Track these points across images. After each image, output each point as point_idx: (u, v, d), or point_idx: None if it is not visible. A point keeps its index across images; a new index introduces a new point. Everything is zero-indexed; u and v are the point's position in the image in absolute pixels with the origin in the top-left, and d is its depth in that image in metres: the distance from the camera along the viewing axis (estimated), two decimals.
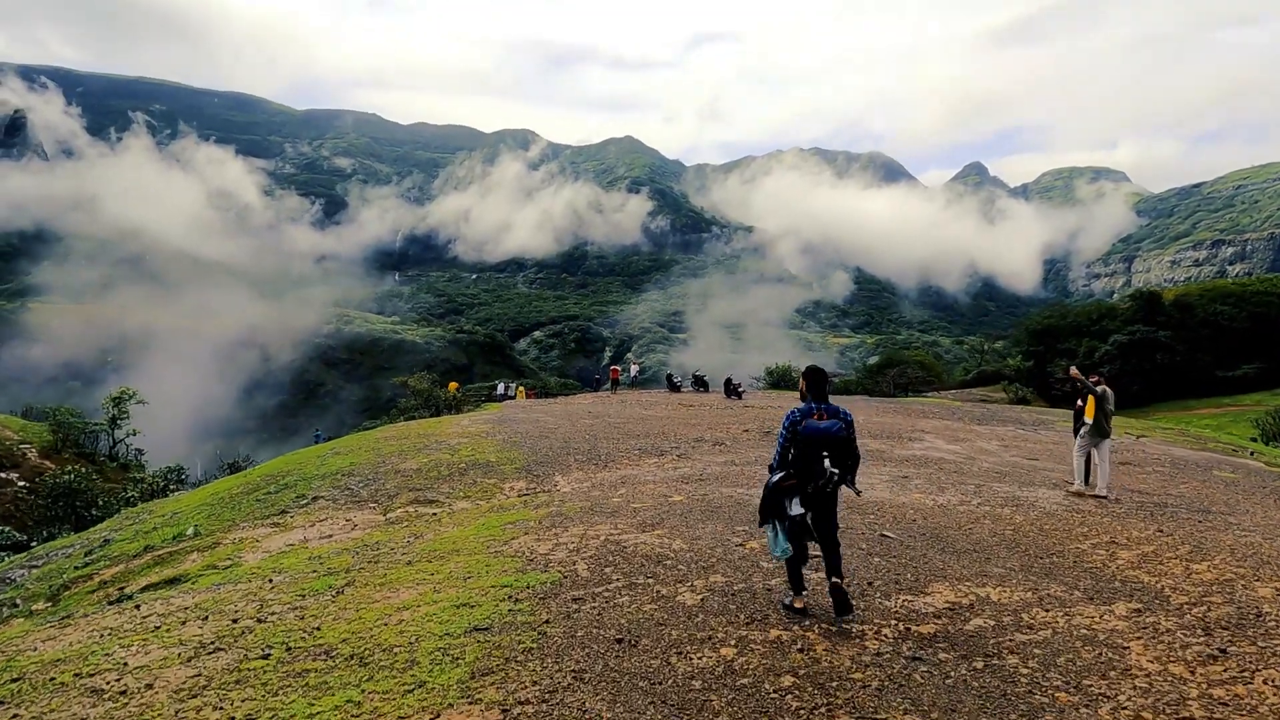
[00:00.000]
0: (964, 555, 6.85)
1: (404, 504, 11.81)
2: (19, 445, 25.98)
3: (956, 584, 5.86)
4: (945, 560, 6.65)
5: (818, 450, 4.97)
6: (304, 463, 15.96)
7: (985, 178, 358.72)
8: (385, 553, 7.78)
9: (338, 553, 8.10)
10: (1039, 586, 5.80)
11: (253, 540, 10.69)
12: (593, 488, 11.73)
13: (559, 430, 18.54)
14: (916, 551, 6.99)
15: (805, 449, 5.01)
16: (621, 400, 28.02)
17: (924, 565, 6.48)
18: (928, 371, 63.03)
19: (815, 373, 5.34)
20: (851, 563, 6.52)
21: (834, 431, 5.01)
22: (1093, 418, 10.31)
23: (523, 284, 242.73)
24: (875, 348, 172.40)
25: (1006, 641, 4.69)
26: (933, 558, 6.74)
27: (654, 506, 9.42)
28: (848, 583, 5.36)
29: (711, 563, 6.46)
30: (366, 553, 7.91)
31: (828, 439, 4.98)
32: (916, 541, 7.40)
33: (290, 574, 7.28)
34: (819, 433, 5.00)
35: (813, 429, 5.01)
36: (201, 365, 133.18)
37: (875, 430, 18.86)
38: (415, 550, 7.67)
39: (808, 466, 4.99)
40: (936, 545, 7.24)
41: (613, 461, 14.13)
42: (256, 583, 7.03)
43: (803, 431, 5.03)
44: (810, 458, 4.99)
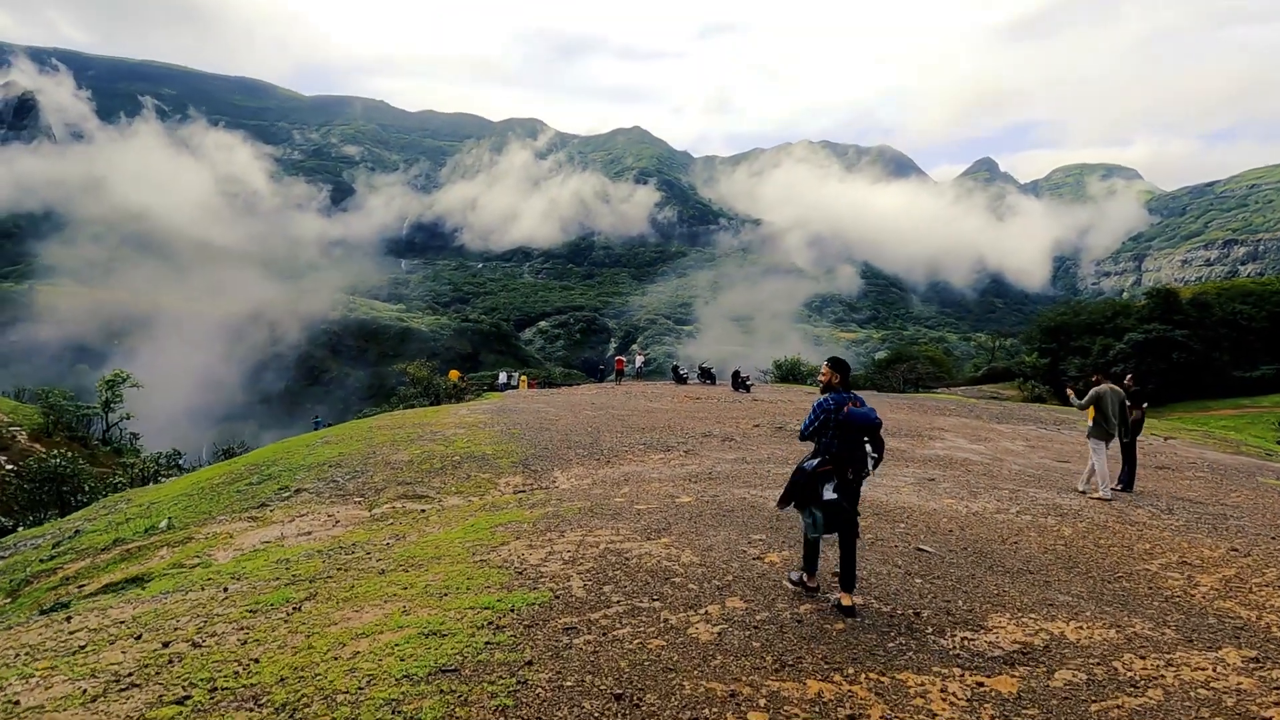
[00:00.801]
0: (1018, 577, 5.98)
1: (391, 499, 11.01)
2: (9, 428, 25.31)
3: (1019, 616, 4.99)
4: (998, 582, 5.77)
5: (859, 436, 5.04)
6: (291, 451, 15.17)
7: (995, 173, 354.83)
8: (360, 557, 6.95)
9: (309, 555, 7.28)
10: (1119, 621, 4.92)
11: (227, 536, 9.91)
12: (593, 485, 10.89)
13: (560, 422, 17.71)
14: (962, 570, 6.11)
15: (847, 435, 5.04)
16: (626, 392, 27.16)
17: (975, 589, 5.60)
18: (938, 367, 62.02)
19: (842, 364, 5.40)
20: (890, 583, 5.65)
21: (873, 418, 5.09)
22: (1092, 419, 10.09)
23: (529, 273, 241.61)
24: (882, 343, 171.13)
25: (1113, 708, 3.77)
26: (982, 579, 5.86)
27: (660, 509, 8.56)
28: (858, 604, 5.21)
29: (727, 581, 5.60)
30: (339, 556, 7.09)
31: (868, 425, 5.06)
32: (959, 558, 6.53)
33: (250, 580, 6.46)
34: (861, 418, 5.05)
35: (855, 415, 5.05)
36: (207, 349, 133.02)
37: (893, 427, 17.95)
38: (393, 555, 6.84)
39: (849, 452, 5.03)
40: (983, 563, 6.37)
41: (616, 457, 13.28)
42: (210, 591, 6.22)
43: (845, 418, 5.04)
44: (852, 443, 5.04)
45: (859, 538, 5.32)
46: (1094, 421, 10.10)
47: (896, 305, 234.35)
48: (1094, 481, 10.11)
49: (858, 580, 5.28)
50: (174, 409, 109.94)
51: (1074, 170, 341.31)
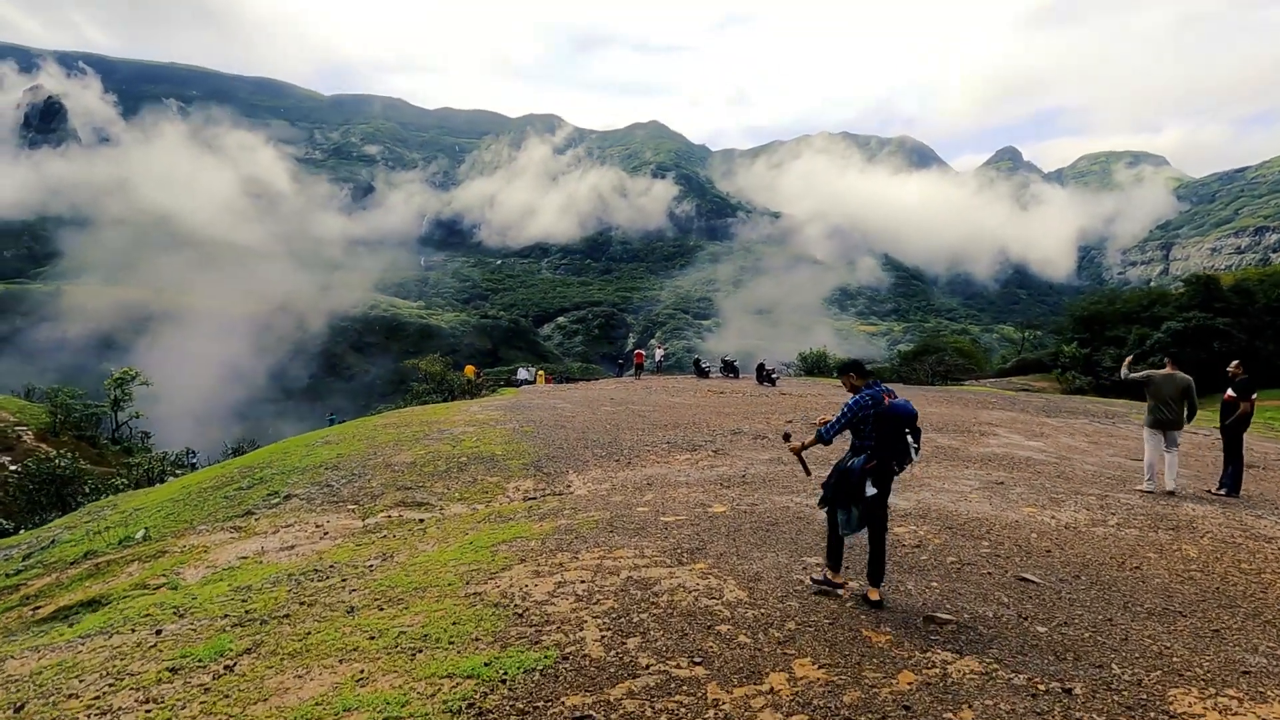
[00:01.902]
0: (1169, 621, 4.62)
1: (388, 506, 9.85)
2: (14, 427, 24.73)
3: (1211, 692, 3.61)
4: (1149, 632, 4.41)
5: (901, 429, 4.91)
6: (289, 452, 14.12)
7: (1019, 163, 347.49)
8: (333, 586, 5.77)
9: (275, 582, 6.11)
10: None
11: (203, 549, 8.82)
12: (613, 490, 9.64)
13: (577, 419, 16.48)
14: (1091, 611, 4.77)
15: (891, 428, 4.91)
16: (646, 386, 25.87)
17: (1123, 643, 4.25)
18: (967, 359, 59.90)
19: (855, 364, 5.37)
20: (1006, 635, 4.33)
21: (912, 409, 4.98)
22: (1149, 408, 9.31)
23: (547, 269, 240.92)
24: (903, 335, 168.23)
25: None
26: (1126, 625, 4.52)
27: (690, 521, 7.28)
28: (884, 595, 5.05)
29: (789, 631, 4.31)
30: (309, 584, 5.90)
31: (909, 416, 4.94)
32: (1077, 590, 5.18)
33: (195, 618, 5.30)
34: (903, 410, 4.93)
35: (897, 407, 4.93)
36: (230, 347, 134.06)
37: (937, 423, 16.51)
38: (371, 584, 5.64)
39: (892, 445, 4.93)
40: (1112, 599, 5.02)
41: (637, 457, 12.01)
42: (142, 633, 5.06)
43: (888, 411, 4.91)
44: (895, 436, 4.91)
45: (888, 531, 5.29)
46: (1148, 408, 9.33)
47: (918, 297, 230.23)
48: (1160, 477, 9.18)
49: (951, 621, 3.99)
50: (197, 406, 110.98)
51: (1100, 158, 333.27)
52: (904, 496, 8.45)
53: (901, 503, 8.07)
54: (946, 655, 3.84)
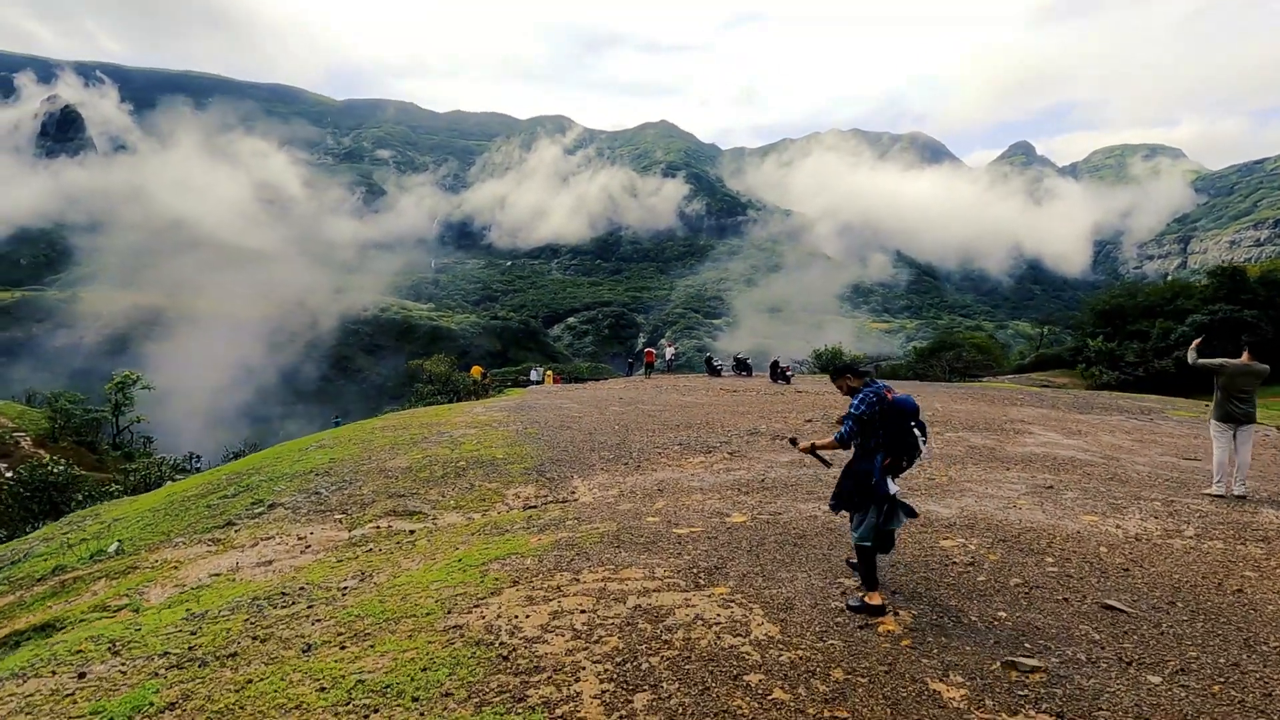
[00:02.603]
0: None
1: (377, 516, 9.09)
2: (13, 433, 24.28)
3: None
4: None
5: (907, 423, 4.79)
6: (281, 457, 13.42)
7: (1032, 157, 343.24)
8: (296, 615, 5.00)
9: (233, 609, 5.35)
10: None
11: (175, 564, 8.10)
12: (620, 497, 8.83)
13: (584, 420, 15.69)
14: (1207, 652, 3.90)
15: (898, 422, 4.79)
16: (656, 385, 25.03)
17: (1268, 700, 3.36)
18: (985, 354, 58.55)
19: (853, 366, 5.28)
20: (1107, 684, 3.45)
21: (914, 404, 4.86)
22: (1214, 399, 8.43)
23: (557, 270, 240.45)
24: (916, 332, 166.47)
25: None
26: (1260, 674, 3.64)
27: (707, 534, 6.46)
28: None
29: (837, 683, 3.48)
30: (270, 612, 5.14)
31: (913, 410, 4.82)
32: (1178, 623, 4.30)
33: (129, 656, 4.55)
34: (906, 405, 4.82)
35: (902, 401, 4.82)
36: (242, 350, 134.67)
37: (966, 420, 15.58)
38: (340, 614, 4.87)
39: (901, 439, 4.79)
40: (1227, 635, 4.15)
41: (647, 460, 11.19)
42: (63, 676, 4.31)
43: (892, 406, 4.79)
44: (903, 430, 4.79)
45: None
46: (1215, 401, 8.40)
47: (931, 294, 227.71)
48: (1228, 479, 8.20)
49: (1038, 668, 3.14)
50: (210, 409, 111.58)
51: (1114, 151, 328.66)
52: (944, 503, 7.58)
53: (943, 510, 7.20)
54: None
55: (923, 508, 7.37)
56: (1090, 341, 43.80)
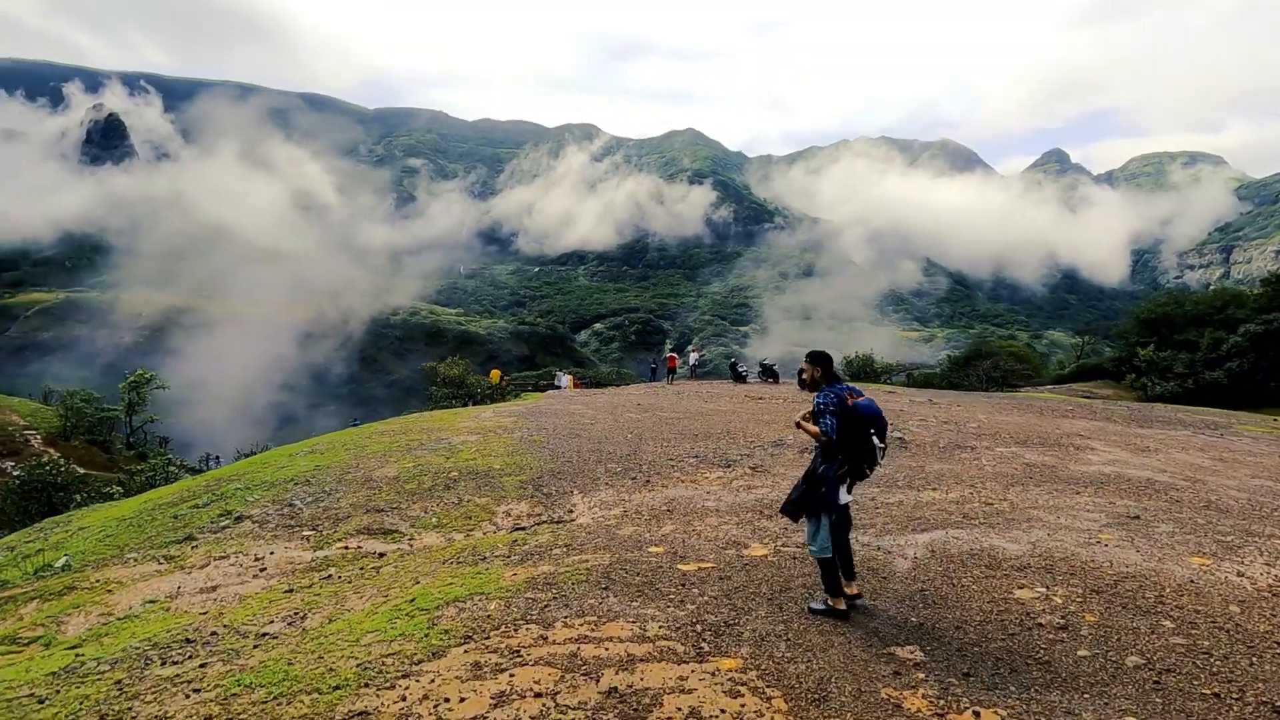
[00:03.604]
0: None
1: (349, 534, 8.03)
2: (23, 431, 23.98)
3: None
4: None
5: (866, 429, 4.56)
6: (268, 463, 12.50)
7: (1067, 164, 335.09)
8: (179, 679, 3.92)
9: (112, 664, 4.30)
10: None
11: (114, 586, 7.13)
12: (623, 518, 7.65)
13: (595, 427, 14.54)
14: None
15: (857, 428, 4.54)
16: (678, 391, 23.79)
17: None
18: (1023, 364, 56.10)
19: (825, 356, 4.93)
20: None
21: (876, 408, 4.65)
22: None
23: (583, 276, 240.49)
24: (946, 341, 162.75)
25: None
26: None
27: (719, 572, 5.26)
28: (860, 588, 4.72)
29: None
30: (152, 671, 4.08)
31: (874, 417, 4.60)
32: None
33: None
34: (870, 410, 4.61)
35: (864, 407, 4.59)
36: (275, 351, 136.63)
37: (1016, 433, 14.11)
38: (228, 680, 3.78)
39: (859, 446, 4.55)
40: None
41: (658, 474, 9.98)
42: None
43: (852, 411, 4.55)
44: (862, 436, 4.54)
45: None
46: None
47: (961, 303, 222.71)
48: None
49: None
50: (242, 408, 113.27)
51: (1153, 159, 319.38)
52: (1009, 536, 6.26)
53: (1011, 547, 5.89)
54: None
55: (985, 542, 6.07)
56: (1140, 351, 41.44)
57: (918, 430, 14.52)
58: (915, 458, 11.40)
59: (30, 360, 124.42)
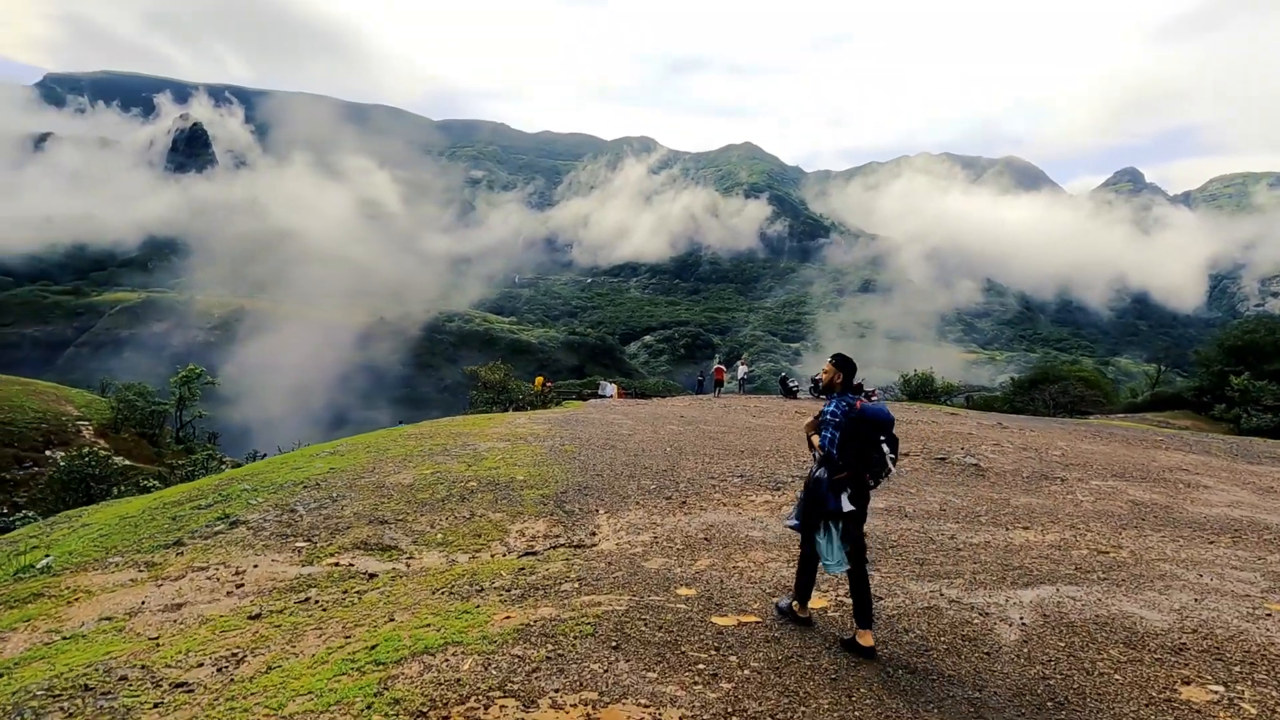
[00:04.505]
0: None
1: (343, 547, 7.13)
2: (76, 421, 24.41)
3: None
4: None
5: (876, 435, 4.27)
6: (285, 463, 11.84)
7: (1140, 184, 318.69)
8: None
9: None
10: None
11: (77, 596, 6.40)
12: (652, 546, 6.52)
13: (633, 438, 13.44)
14: None
15: (864, 434, 4.28)
16: (724, 405, 22.50)
17: None
18: (1094, 390, 52.44)
19: (848, 362, 4.63)
20: None
21: (887, 414, 4.38)
22: None
23: (635, 288, 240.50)
24: (1007, 364, 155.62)
25: None
26: None
27: (766, 629, 4.11)
28: None
29: None
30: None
31: (884, 422, 4.32)
32: None
33: None
34: (880, 414, 4.33)
35: (872, 411, 4.35)
36: (336, 353, 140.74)
37: (1107, 465, 12.41)
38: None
39: (864, 454, 4.26)
40: None
41: (696, 494, 8.80)
42: None
43: (859, 415, 4.32)
44: (868, 443, 4.27)
45: (868, 562, 4.41)
46: None
47: (1023, 325, 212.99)
48: None
49: None
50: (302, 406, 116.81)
51: (1236, 179, 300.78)
52: (1142, 598, 4.87)
53: (1151, 615, 4.52)
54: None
55: (1114, 606, 4.71)
56: (1233, 379, 37.91)
57: (993, 456, 12.93)
58: (996, 488, 9.90)
59: (111, 355, 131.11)
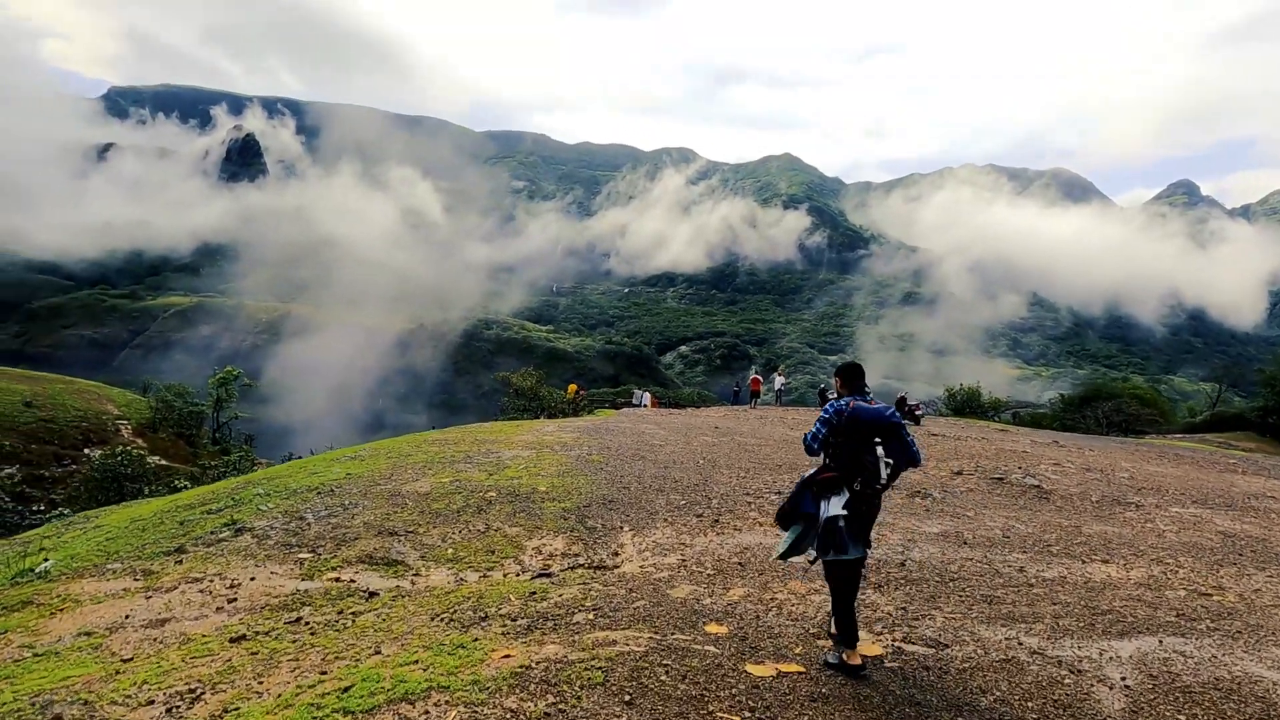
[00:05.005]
0: None
1: (346, 560, 6.63)
2: (115, 420, 24.81)
3: None
4: None
5: (869, 435, 3.93)
6: (304, 468, 11.50)
7: (1196, 197, 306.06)
8: None
9: None
10: None
11: (65, 606, 6.02)
12: (679, 571, 5.85)
13: (664, 449, 12.77)
14: None
15: (854, 434, 3.96)
16: (760, 416, 21.64)
17: None
18: (1150, 408, 49.71)
19: (853, 369, 4.36)
20: None
21: (886, 414, 4.01)
22: None
23: (672, 299, 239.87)
24: (1051, 380, 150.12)
25: None
26: None
27: (811, 683, 3.43)
28: None
29: None
30: None
31: (880, 422, 3.96)
32: None
33: None
34: (870, 414, 3.99)
35: (863, 410, 4.01)
36: (376, 359, 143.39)
37: (1183, 489, 11.32)
38: None
39: (855, 457, 3.92)
40: None
41: (730, 511, 8.09)
42: None
43: (851, 414, 4.01)
44: (859, 445, 3.93)
45: None
46: None
47: (1069, 340, 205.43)
48: None
49: None
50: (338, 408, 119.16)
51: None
52: (1270, 658, 4.02)
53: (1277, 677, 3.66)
54: None
55: (1234, 666, 3.89)
56: None
57: (1055, 477, 11.90)
58: (1064, 513, 8.95)
59: (162, 357, 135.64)
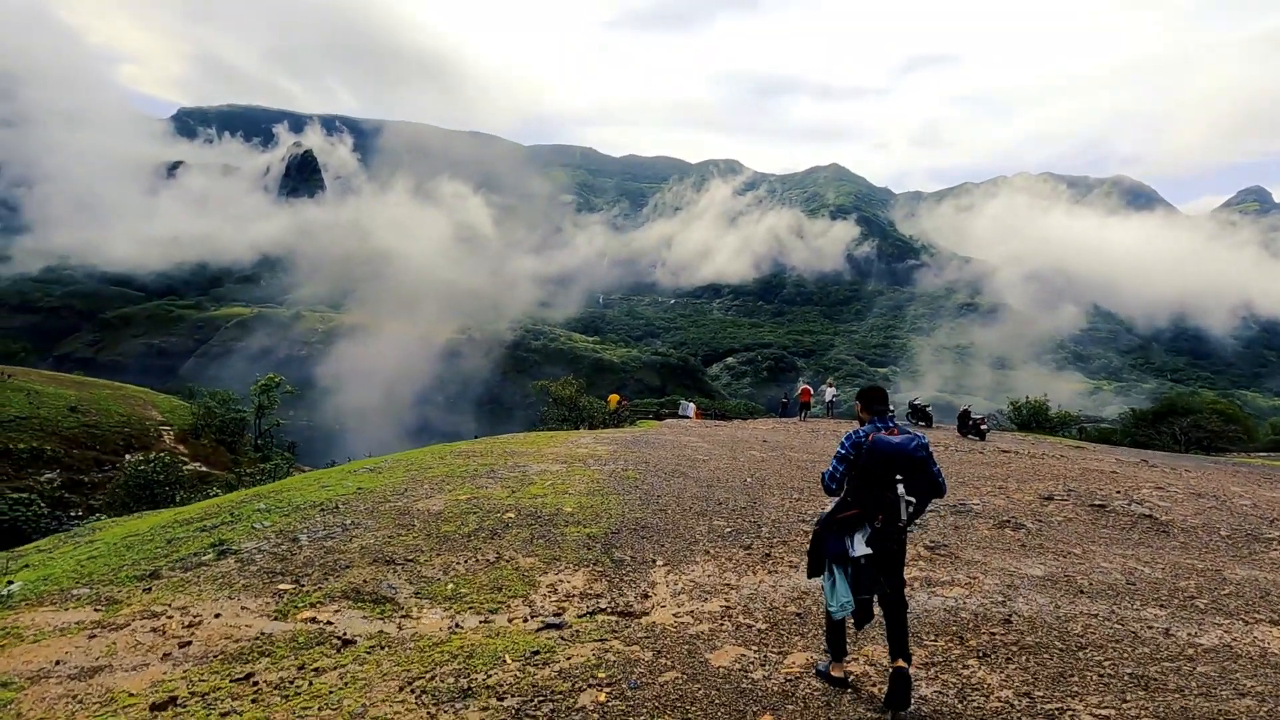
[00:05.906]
0: None
1: (330, 594, 5.65)
2: (159, 426, 24.91)
3: None
4: None
5: (889, 472, 3.74)
6: (314, 482, 10.70)
7: (1269, 204, 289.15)
8: None
9: None
10: None
11: (11, 638, 5.14)
12: (723, 622, 4.67)
13: (707, 465, 11.55)
14: None
15: (873, 470, 3.77)
16: (812, 429, 20.16)
17: None
18: (1232, 424, 45.74)
19: (874, 393, 4.07)
20: None
21: (909, 448, 3.77)
22: None
23: (718, 310, 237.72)
24: (1115, 395, 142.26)
25: None
26: None
27: None
28: None
29: None
30: None
31: (902, 457, 3.75)
32: None
33: None
34: (891, 449, 3.75)
35: (883, 444, 3.77)
36: (427, 367, 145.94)
37: None
38: None
39: (875, 494, 3.76)
40: None
41: (783, 541, 6.84)
42: None
43: (871, 448, 3.79)
44: (879, 482, 3.75)
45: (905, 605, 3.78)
46: None
47: (1133, 353, 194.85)
48: None
49: None
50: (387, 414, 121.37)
51: None
52: None
53: None
54: None
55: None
56: None
57: (1164, 504, 10.21)
58: (1193, 552, 7.39)
59: (224, 365, 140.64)
